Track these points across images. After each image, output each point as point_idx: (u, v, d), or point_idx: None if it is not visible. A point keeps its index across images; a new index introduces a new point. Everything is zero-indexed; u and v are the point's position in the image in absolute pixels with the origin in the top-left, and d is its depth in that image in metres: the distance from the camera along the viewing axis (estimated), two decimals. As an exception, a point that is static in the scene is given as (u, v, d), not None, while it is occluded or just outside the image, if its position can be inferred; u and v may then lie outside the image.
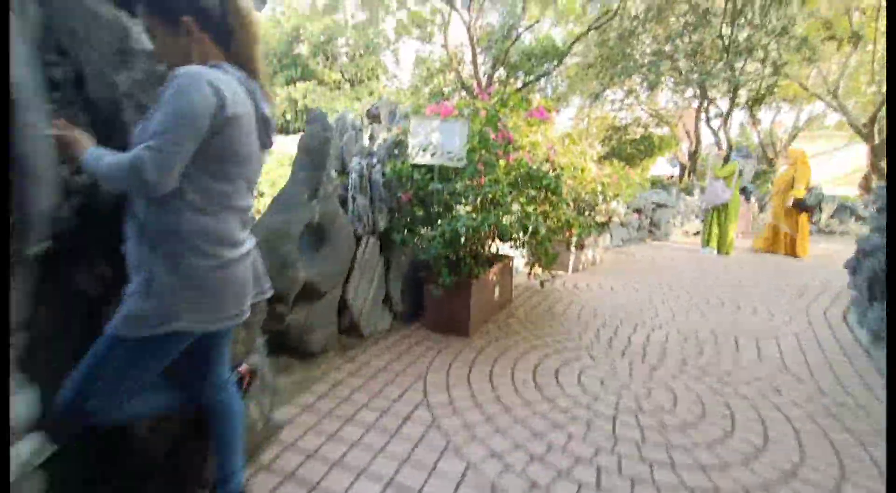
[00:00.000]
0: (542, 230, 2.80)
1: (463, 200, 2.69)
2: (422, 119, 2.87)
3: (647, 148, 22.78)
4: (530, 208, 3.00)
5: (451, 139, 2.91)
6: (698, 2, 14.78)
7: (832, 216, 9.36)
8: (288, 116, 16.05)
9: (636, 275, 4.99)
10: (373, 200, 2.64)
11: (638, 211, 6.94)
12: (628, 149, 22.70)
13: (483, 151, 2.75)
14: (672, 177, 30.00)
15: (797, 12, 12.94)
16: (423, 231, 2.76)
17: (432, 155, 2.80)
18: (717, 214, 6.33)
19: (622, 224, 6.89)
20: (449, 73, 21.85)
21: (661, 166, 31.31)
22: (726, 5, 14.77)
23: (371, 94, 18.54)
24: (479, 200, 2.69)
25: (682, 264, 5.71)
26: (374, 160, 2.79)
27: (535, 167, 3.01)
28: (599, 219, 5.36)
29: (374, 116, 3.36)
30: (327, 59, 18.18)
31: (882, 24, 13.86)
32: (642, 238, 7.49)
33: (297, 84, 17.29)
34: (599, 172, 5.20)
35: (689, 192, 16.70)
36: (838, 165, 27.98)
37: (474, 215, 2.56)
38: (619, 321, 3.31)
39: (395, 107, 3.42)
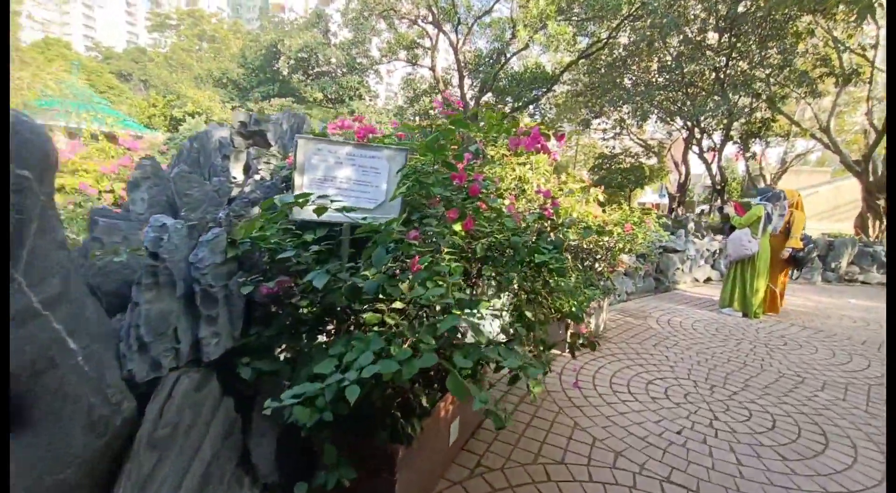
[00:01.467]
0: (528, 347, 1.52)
1: (382, 306, 1.38)
2: (319, 144, 1.58)
3: (637, 178, 22.05)
4: (506, 301, 1.72)
5: (373, 180, 1.63)
6: (691, 35, 14.16)
7: (852, 263, 8.34)
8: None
9: (653, 358, 3.68)
10: (195, 299, 1.31)
11: (642, 256, 5.73)
12: (619, 178, 21.94)
13: (422, 201, 1.48)
14: (658, 206, 29.50)
15: (792, 48, 12.31)
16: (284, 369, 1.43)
17: (336, 209, 1.50)
18: (742, 268, 5.14)
19: (626, 274, 5.67)
20: (435, 96, 21.02)
21: (647, 196, 30.84)
22: (721, 39, 14.22)
23: (352, 113, 17.49)
24: (408, 307, 1.39)
25: (709, 336, 4.45)
26: (224, 214, 1.49)
27: (522, 227, 1.76)
28: (601, 268, 4.12)
29: (250, 135, 2.05)
30: (307, 76, 17.12)
31: (878, 61, 13.36)
32: (648, 289, 6.26)
33: (273, 100, 16.14)
34: (605, 218, 3.97)
35: (681, 224, 15.78)
36: (823, 202, 27.72)
37: (394, 344, 1.24)
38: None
39: (303, 121, 2.15)
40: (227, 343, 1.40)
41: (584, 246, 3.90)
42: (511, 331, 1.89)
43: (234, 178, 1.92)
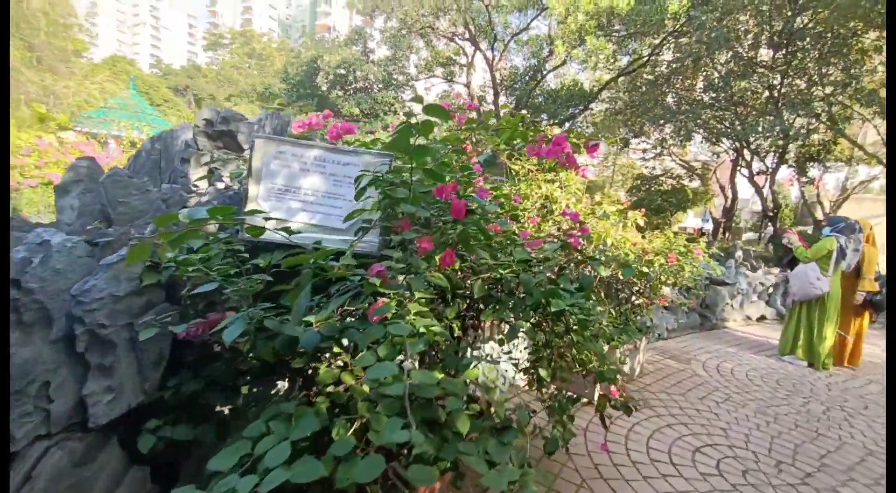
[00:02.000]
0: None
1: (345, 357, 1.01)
2: (281, 145, 1.25)
3: (679, 201, 20.91)
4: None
5: (346, 192, 1.28)
6: (742, 51, 13.35)
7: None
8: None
9: (701, 416, 3.10)
10: (88, 341, 0.97)
11: (687, 289, 5.10)
12: (658, 200, 20.89)
13: (395, 219, 1.10)
14: (700, 230, 27.84)
15: (858, 65, 11.28)
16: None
17: (282, 229, 1.14)
18: (808, 309, 4.42)
19: (667, 308, 5.05)
20: (470, 113, 20.86)
21: (690, 220, 29.25)
22: (775, 55, 13.32)
23: (386, 127, 17.60)
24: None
25: (769, 390, 3.78)
26: (151, 229, 1.18)
27: (540, 258, 1.35)
28: (639, 301, 3.58)
29: (217, 135, 1.74)
30: (345, 91, 17.43)
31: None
32: (692, 326, 5.57)
33: (310, 113, 16.52)
34: (645, 245, 3.46)
35: (728, 252, 14.68)
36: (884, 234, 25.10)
37: (337, 424, 0.85)
38: None
39: (287, 124, 1.84)
40: (132, 400, 1.06)
41: (620, 276, 3.40)
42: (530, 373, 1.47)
43: (196, 185, 1.63)
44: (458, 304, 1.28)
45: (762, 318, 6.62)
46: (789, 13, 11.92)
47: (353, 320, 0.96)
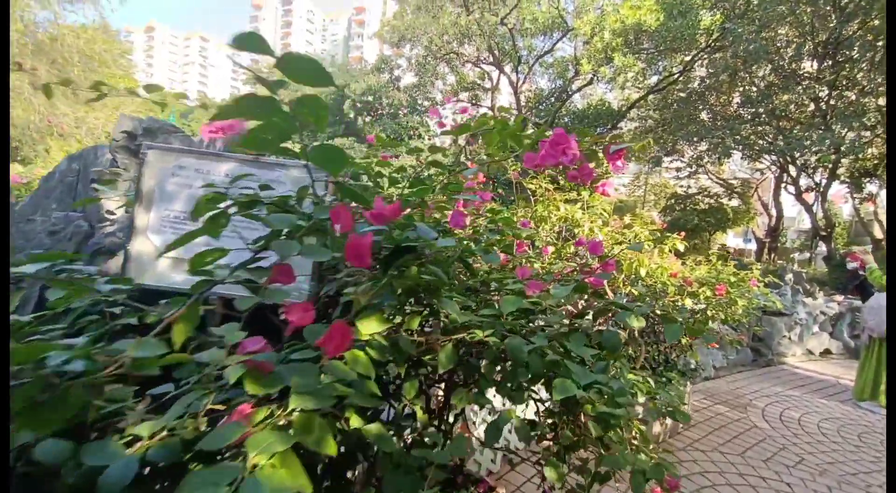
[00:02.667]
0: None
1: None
2: (181, 157, 0.92)
3: (718, 220, 19.68)
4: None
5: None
6: (782, 64, 12.56)
7: None
8: (321, 171, 15.37)
9: (768, 486, 2.48)
10: None
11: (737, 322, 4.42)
12: (695, 220, 19.75)
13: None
14: (740, 250, 26.12)
15: None
16: None
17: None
18: (887, 347, 3.69)
19: (716, 345, 4.40)
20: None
21: (730, 240, 27.55)
22: (820, 66, 12.45)
23: (412, 153, 17.62)
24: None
25: (850, 448, 3.09)
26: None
27: (542, 308, 0.95)
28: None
29: (133, 150, 1.43)
30: (371, 117, 17.71)
31: None
32: (743, 362, 4.85)
33: (337, 139, 16.78)
34: (687, 275, 2.94)
35: (778, 275, 13.47)
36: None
37: None
38: None
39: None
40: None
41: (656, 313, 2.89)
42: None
43: (111, 212, 1.34)
44: (421, 378, 0.88)
45: (826, 352, 5.75)
46: (834, 22, 11.13)
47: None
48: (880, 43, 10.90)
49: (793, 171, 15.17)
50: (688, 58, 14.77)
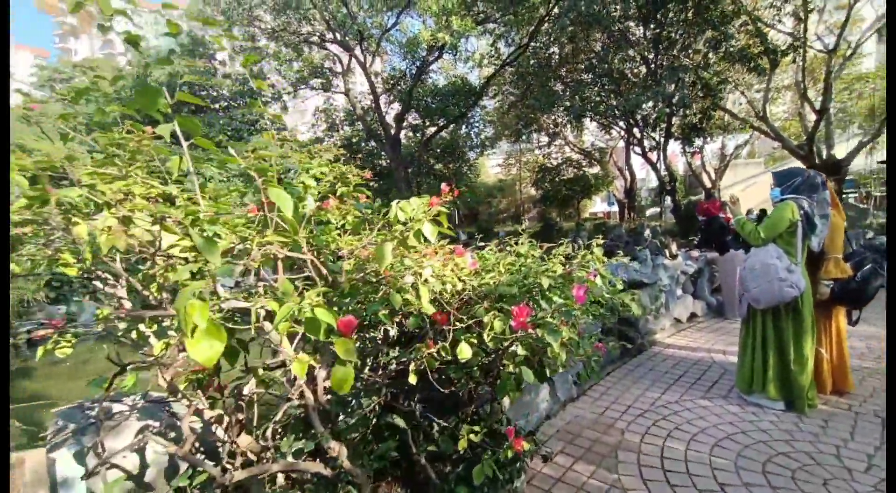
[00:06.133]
0: None
1: None
2: None
3: (582, 188, 20.33)
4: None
5: None
6: (612, 29, 12.56)
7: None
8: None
9: None
10: None
11: (599, 304, 3.09)
12: (563, 190, 20.15)
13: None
14: (609, 214, 28.08)
15: (724, 27, 10.77)
16: None
17: None
18: (775, 320, 2.69)
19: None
20: (357, 123, 18.67)
21: (598, 205, 29.51)
22: (644, 29, 12.77)
23: (254, 150, 14.68)
24: None
25: (761, 482, 1.90)
26: None
27: None
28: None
29: None
30: (193, 112, 14.28)
31: (810, 33, 12.18)
32: (611, 360, 3.72)
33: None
34: (461, 277, 1.38)
35: (637, 232, 13.81)
36: (762, 193, 26.87)
37: None
38: None
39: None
40: None
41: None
42: None
43: None
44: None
45: (693, 317, 5.04)
46: (649, -19, 11.23)
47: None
48: (689, 2, 11.32)
49: (637, 133, 15.91)
50: (532, 28, 14.35)
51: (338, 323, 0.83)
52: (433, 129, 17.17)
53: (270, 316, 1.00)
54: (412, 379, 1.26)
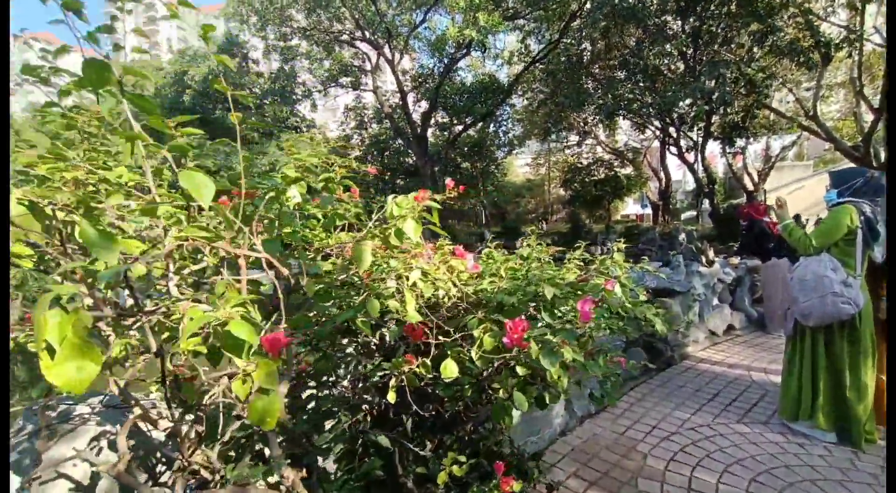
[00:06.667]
0: None
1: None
2: None
3: (613, 189, 19.59)
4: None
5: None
6: (647, 23, 11.97)
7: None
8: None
9: None
10: None
11: (619, 317, 2.82)
12: (593, 191, 19.48)
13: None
14: (642, 217, 26.96)
15: (770, 20, 10.03)
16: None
17: None
18: (827, 341, 2.36)
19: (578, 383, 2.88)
20: (384, 121, 18.71)
21: (630, 207, 28.43)
22: (684, 23, 12.11)
23: (280, 147, 14.96)
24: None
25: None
26: None
27: None
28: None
29: None
30: (226, 110, 14.68)
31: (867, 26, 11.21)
32: (632, 374, 3.43)
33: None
34: (459, 288, 1.20)
35: (674, 237, 13.11)
36: (809, 197, 25.21)
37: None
38: None
39: None
40: None
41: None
42: None
43: None
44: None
45: (730, 329, 4.63)
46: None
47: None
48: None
49: (673, 132, 15.14)
50: (563, 24, 13.90)
51: (262, 341, 0.67)
52: (460, 127, 16.97)
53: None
54: (391, 397, 1.09)
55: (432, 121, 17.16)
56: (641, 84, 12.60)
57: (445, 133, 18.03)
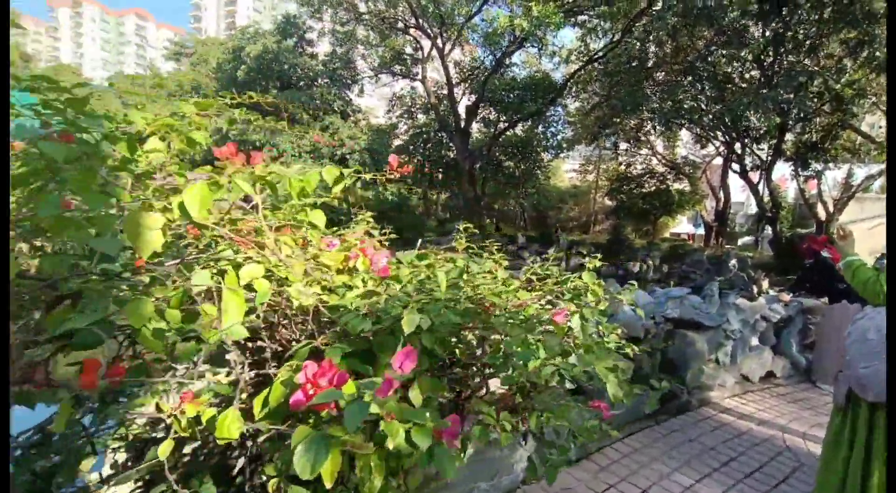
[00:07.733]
0: None
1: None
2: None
3: (662, 204, 18.24)
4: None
5: None
6: (725, 26, 10.83)
7: None
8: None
9: None
10: None
11: (628, 355, 2.23)
12: (640, 204, 18.22)
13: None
14: (693, 237, 25.04)
15: (870, 30, 8.72)
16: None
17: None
18: (888, 419, 1.79)
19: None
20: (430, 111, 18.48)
21: (682, 226, 26.50)
22: (764, 29, 10.84)
23: (326, 129, 15.10)
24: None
25: None
26: None
27: None
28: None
29: None
30: (279, 88, 15.01)
31: None
32: (638, 415, 2.92)
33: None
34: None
35: (724, 262, 11.94)
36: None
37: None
38: None
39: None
40: None
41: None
42: None
43: None
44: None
45: (769, 376, 3.94)
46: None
47: None
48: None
49: (738, 149, 13.77)
50: (628, 22, 12.96)
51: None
52: (506, 124, 16.41)
53: None
54: (161, 451, 0.76)
55: (478, 116, 16.71)
56: (707, 92, 11.48)
57: (491, 129, 17.52)
